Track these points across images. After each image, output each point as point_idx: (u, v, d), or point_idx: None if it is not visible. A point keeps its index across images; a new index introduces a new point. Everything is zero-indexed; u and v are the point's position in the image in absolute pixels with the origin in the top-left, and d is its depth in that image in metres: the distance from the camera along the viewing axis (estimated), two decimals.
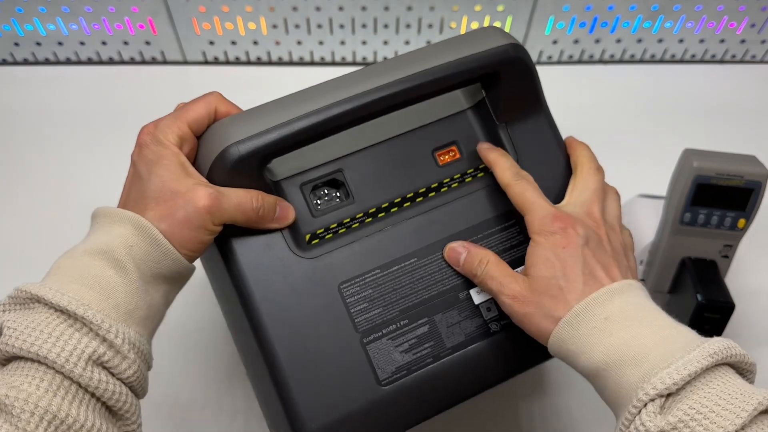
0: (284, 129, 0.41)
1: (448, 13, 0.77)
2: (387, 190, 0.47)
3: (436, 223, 0.46)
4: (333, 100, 0.42)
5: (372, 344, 0.44)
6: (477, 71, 0.44)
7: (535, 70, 0.47)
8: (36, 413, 0.32)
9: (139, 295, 0.38)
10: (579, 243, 0.41)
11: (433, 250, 0.46)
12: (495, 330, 0.46)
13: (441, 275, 0.45)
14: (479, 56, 0.44)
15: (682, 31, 0.81)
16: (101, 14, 0.76)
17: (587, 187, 0.45)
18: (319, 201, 0.46)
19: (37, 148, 0.75)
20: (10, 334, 0.34)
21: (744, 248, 0.60)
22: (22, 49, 0.80)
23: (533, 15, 0.78)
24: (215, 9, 0.76)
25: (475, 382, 0.46)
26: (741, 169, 0.54)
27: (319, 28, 0.79)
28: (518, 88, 0.47)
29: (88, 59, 0.82)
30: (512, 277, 0.43)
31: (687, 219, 0.56)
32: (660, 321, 0.38)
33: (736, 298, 0.55)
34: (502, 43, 0.45)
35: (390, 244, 0.45)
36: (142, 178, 0.40)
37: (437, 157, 0.48)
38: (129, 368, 0.36)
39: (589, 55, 0.84)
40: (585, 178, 0.46)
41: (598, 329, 0.38)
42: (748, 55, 0.85)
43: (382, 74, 0.43)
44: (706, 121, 0.79)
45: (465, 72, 0.44)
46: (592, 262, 0.41)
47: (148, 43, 0.80)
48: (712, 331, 0.56)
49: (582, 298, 0.40)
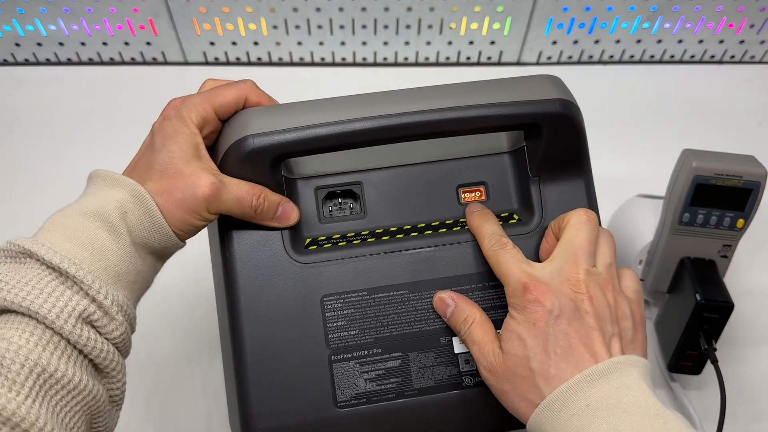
0: (303, 132, 0.41)
1: (448, 14, 0.77)
2: (400, 215, 0.46)
3: (438, 260, 0.44)
4: (364, 115, 0.41)
5: (339, 364, 0.43)
6: (516, 119, 0.42)
7: (584, 131, 0.45)
8: (26, 365, 0.33)
9: (130, 260, 0.38)
10: (550, 318, 0.38)
11: (426, 287, 0.44)
12: (468, 384, 0.43)
13: (427, 314, 0.44)
14: (522, 104, 0.42)
15: (681, 32, 0.82)
16: (102, 15, 0.76)
17: (571, 243, 0.40)
18: (331, 208, 0.46)
19: (38, 149, 0.75)
20: (2, 287, 0.34)
21: (743, 248, 0.60)
22: (23, 50, 0.80)
23: (532, 16, 0.78)
24: (216, 10, 0.76)
25: (435, 431, 0.44)
26: (740, 169, 0.54)
27: (319, 29, 0.79)
28: (560, 146, 0.44)
29: (89, 60, 0.82)
30: (492, 346, 0.40)
31: (686, 219, 0.56)
32: (646, 409, 0.35)
33: (735, 298, 0.55)
34: (554, 96, 0.43)
35: (385, 270, 0.44)
36: (155, 149, 0.40)
37: (461, 193, 0.46)
38: (116, 329, 0.37)
39: (588, 55, 0.84)
40: (569, 232, 0.41)
41: (578, 416, 0.35)
42: (747, 56, 0.85)
43: (421, 99, 0.42)
44: (705, 121, 0.80)
45: (502, 117, 0.42)
46: (567, 339, 0.37)
47: (149, 43, 0.80)
48: (712, 332, 0.56)
49: (557, 384, 0.36)
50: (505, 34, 0.81)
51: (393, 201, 0.46)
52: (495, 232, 0.43)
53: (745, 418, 0.60)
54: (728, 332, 0.63)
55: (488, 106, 0.42)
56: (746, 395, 0.61)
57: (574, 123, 0.44)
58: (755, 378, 0.62)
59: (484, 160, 0.47)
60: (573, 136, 0.44)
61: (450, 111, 0.42)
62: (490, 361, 0.40)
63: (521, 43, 0.82)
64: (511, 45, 0.82)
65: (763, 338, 0.65)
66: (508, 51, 0.83)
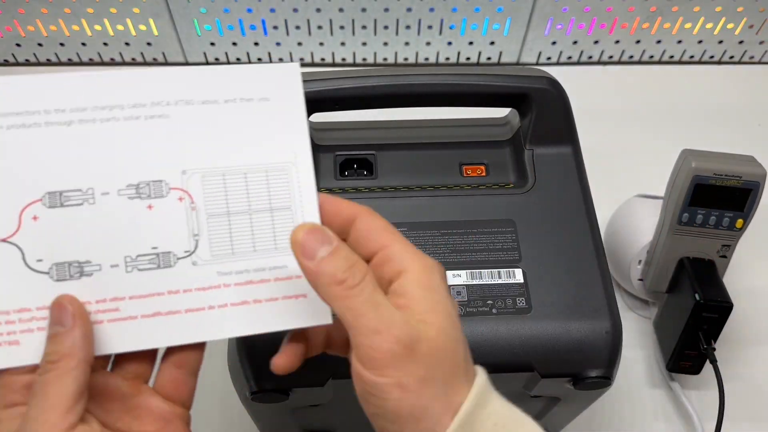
0: (328, 83, 0.47)
1: (448, 14, 0.78)
2: (408, 178, 0.50)
3: (437, 207, 0.48)
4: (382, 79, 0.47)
5: None
6: (509, 89, 0.49)
7: (569, 104, 0.50)
8: None
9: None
10: None
11: (424, 227, 0.47)
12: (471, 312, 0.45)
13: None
14: (515, 78, 0.49)
15: (680, 32, 0.82)
16: (103, 15, 0.76)
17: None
18: (346, 172, 0.50)
19: None
20: None
21: (742, 248, 0.60)
22: (23, 50, 0.80)
23: (532, 16, 0.78)
24: (216, 10, 0.76)
25: None
26: (739, 169, 0.54)
27: (319, 30, 0.79)
28: (549, 116, 0.49)
29: (90, 60, 0.82)
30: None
31: (685, 219, 0.56)
32: None
33: (734, 298, 0.55)
34: (542, 75, 0.50)
35: (384, 210, 0.45)
36: None
37: (464, 169, 0.51)
38: None
39: (587, 56, 0.84)
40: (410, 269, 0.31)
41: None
42: (746, 56, 0.85)
43: (429, 70, 0.50)
44: (705, 121, 0.80)
45: (496, 87, 0.49)
46: None
47: (150, 44, 0.80)
48: (711, 331, 0.56)
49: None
50: (505, 35, 0.81)
51: (402, 169, 0.50)
52: (345, 261, 0.30)
53: (744, 417, 0.60)
54: (727, 332, 0.63)
55: (487, 76, 0.49)
56: (745, 395, 0.61)
57: (559, 94, 0.49)
58: (754, 378, 0.63)
59: (486, 146, 0.52)
60: (559, 106, 0.49)
61: (456, 77, 0.49)
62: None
63: (521, 43, 0.82)
64: (511, 45, 0.82)
65: (762, 338, 0.65)
66: (507, 51, 0.83)
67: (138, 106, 0.32)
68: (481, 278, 0.46)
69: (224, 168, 0.33)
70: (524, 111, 0.50)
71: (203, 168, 0.32)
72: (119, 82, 0.32)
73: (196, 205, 0.32)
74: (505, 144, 0.52)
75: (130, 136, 0.32)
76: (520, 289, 0.45)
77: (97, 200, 0.31)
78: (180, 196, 0.32)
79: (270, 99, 0.33)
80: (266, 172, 0.33)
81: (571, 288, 0.45)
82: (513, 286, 0.45)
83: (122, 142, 0.32)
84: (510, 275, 0.45)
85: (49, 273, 0.31)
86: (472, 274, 0.46)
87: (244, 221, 0.33)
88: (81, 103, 0.31)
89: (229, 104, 0.33)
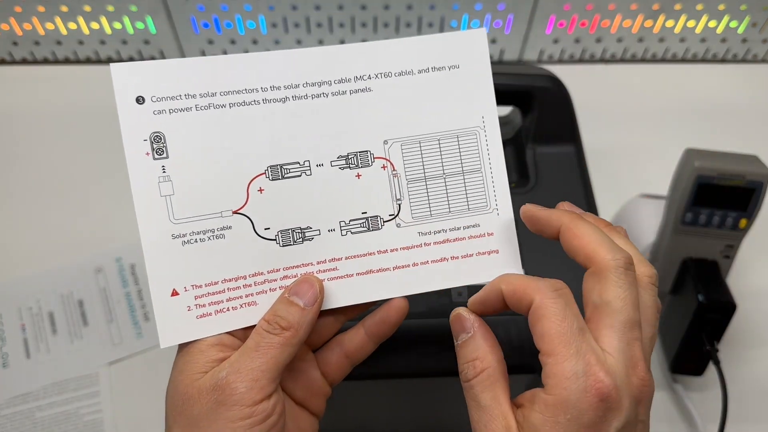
0: None
1: (448, 11, 0.77)
2: None
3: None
4: None
5: None
6: (514, 87, 0.49)
7: (571, 102, 0.49)
8: None
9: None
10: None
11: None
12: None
13: None
14: (518, 76, 0.49)
15: (683, 31, 0.81)
16: (100, 13, 0.76)
17: (624, 313, 0.29)
18: None
19: (36, 148, 0.75)
20: None
21: (746, 248, 0.59)
22: (20, 49, 0.80)
23: (534, 14, 0.78)
24: (214, 8, 0.76)
25: (423, 360, 0.43)
26: (743, 168, 0.53)
27: (318, 27, 0.78)
28: (551, 116, 0.49)
29: (87, 59, 0.81)
30: (503, 424, 0.29)
31: (688, 219, 0.55)
32: None
33: (737, 299, 0.55)
34: (544, 74, 0.50)
35: None
36: None
37: None
38: None
39: (590, 54, 0.84)
40: (615, 290, 0.29)
41: None
42: (749, 55, 0.85)
43: None
44: (708, 120, 0.79)
45: (500, 85, 0.48)
46: None
47: (147, 42, 0.80)
48: (714, 332, 0.56)
49: None
50: (507, 33, 0.80)
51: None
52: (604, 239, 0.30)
53: (748, 419, 0.60)
54: (731, 333, 0.63)
55: (493, 75, 0.48)
56: (749, 396, 0.61)
57: (562, 92, 0.49)
58: (758, 379, 0.62)
59: None
60: (562, 105, 0.49)
61: None
62: None
63: (522, 41, 0.81)
64: (513, 43, 0.82)
65: (765, 339, 0.64)
66: (509, 49, 0.82)
67: (344, 82, 0.34)
68: None
69: (420, 136, 0.35)
70: (526, 109, 0.50)
71: (402, 137, 0.35)
72: (325, 58, 0.34)
73: (398, 172, 0.35)
74: (507, 143, 0.52)
75: (338, 110, 0.34)
76: None
77: (314, 171, 0.34)
78: (383, 165, 0.35)
79: (460, 66, 0.35)
80: (457, 137, 0.36)
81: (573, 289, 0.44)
82: None
83: (332, 116, 0.34)
84: None
85: (276, 239, 0.34)
86: None
87: (440, 185, 0.36)
88: (293, 79, 0.34)
89: (423, 74, 0.35)
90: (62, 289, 0.64)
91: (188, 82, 0.33)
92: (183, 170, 0.33)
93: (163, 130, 0.33)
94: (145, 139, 0.33)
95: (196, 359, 0.32)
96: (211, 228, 0.33)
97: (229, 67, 0.33)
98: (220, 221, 0.33)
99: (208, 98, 0.33)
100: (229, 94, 0.33)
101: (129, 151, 0.33)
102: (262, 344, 0.32)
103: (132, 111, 0.33)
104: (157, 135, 0.33)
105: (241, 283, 0.34)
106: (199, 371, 0.31)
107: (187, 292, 0.33)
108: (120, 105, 0.32)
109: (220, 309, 0.33)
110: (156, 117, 0.33)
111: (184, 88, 0.33)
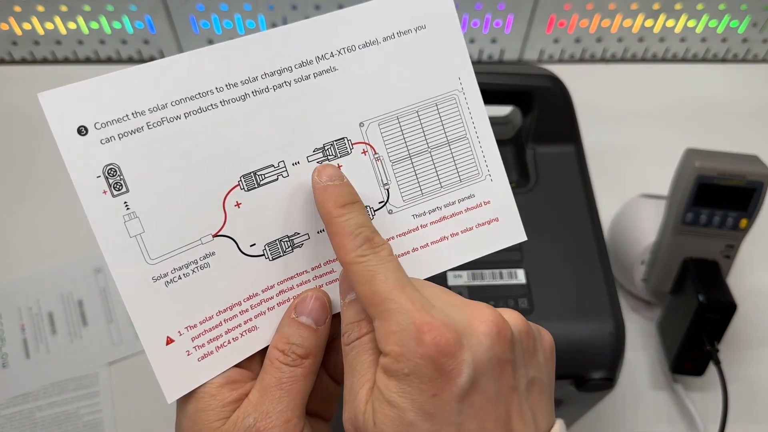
0: None
1: None
2: None
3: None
4: None
5: None
6: (514, 87, 0.49)
7: (571, 102, 0.50)
8: None
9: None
10: (462, 387, 0.24)
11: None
12: None
13: None
14: (518, 76, 0.50)
15: (683, 30, 0.81)
16: (99, 13, 0.76)
17: None
18: None
19: (36, 148, 0.75)
20: None
21: (746, 248, 0.59)
22: (20, 48, 0.80)
23: (534, 13, 0.78)
24: (214, 7, 0.76)
25: None
26: (743, 168, 0.53)
27: None
28: (551, 116, 0.49)
29: (87, 58, 0.81)
30: (367, 398, 0.27)
31: (689, 219, 0.55)
32: None
33: (738, 299, 0.55)
34: (545, 73, 0.50)
35: None
36: None
37: None
38: None
39: (590, 54, 0.84)
40: None
41: None
42: (750, 54, 0.84)
43: None
44: (708, 120, 0.79)
45: (500, 84, 0.49)
46: (482, 426, 0.25)
47: (147, 41, 0.79)
48: (714, 332, 0.56)
49: None
50: (507, 33, 0.80)
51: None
52: (362, 223, 0.29)
53: (748, 419, 0.60)
54: (731, 333, 0.63)
55: (489, 74, 0.49)
56: (749, 396, 0.61)
57: (562, 92, 0.50)
58: (758, 379, 0.62)
59: None
60: (562, 105, 0.49)
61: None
62: (359, 420, 0.27)
63: (523, 41, 0.81)
64: (513, 43, 0.82)
65: (765, 339, 0.64)
66: (509, 49, 0.82)
67: (305, 65, 0.31)
68: (483, 279, 0.45)
69: (397, 111, 0.32)
70: (526, 109, 0.50)
71: (378, 116, 0.32)
72: (279, 42, 0.30)
73: (380, 155, 0.32)
74: (507, 143, 0.51)
75: (305, 97, 0.31)
76: (523, 290, 0.44)
77: (290, 172, 0.31)
78: (363, 150, 0.32)
79: (426, 26, 0.32)
80: (437, 105, 0.33)
81: (573, 289, 0.44)
82: (515, 287, 0.44)
83: (298, 105, 0.31)
84: (512, 276, 0.45)
85: (264, 254, 0.31)
86: (474, 274, 0.45)
87: (426, 160, 0.33)
88: (249, 72, 0.30)
89: (389, 42, 0.32)
90: (62, 289, 0.64)
91: (133, 97, 0.28)
92: (149, 202, 0.29)
93: (117, 160, 0.28)
94: (98, 175, 0.28)
95: (208, 405, 0.29)
96: (193, 259, 0.30)
97: (173, 71, 0.29)
98: (202, 249, 0.30)
99: (159, 112, 0.29)
100: (181, 103, 0.29)
101: (82, 192, 0.28)
102: (284, 381, 0.29)
103: (75, 145, 0.28)
104: (111, 168, 0.28)
105: (237, 310, 0.31)
106: (215, 419, 0.29)
107: (182, 335, 0.30)
108: (60, 140, 0.28)
109: (221, 344, 0.31)
110: (105, 147, 0.28)
111: (129, 105, 0.28)
